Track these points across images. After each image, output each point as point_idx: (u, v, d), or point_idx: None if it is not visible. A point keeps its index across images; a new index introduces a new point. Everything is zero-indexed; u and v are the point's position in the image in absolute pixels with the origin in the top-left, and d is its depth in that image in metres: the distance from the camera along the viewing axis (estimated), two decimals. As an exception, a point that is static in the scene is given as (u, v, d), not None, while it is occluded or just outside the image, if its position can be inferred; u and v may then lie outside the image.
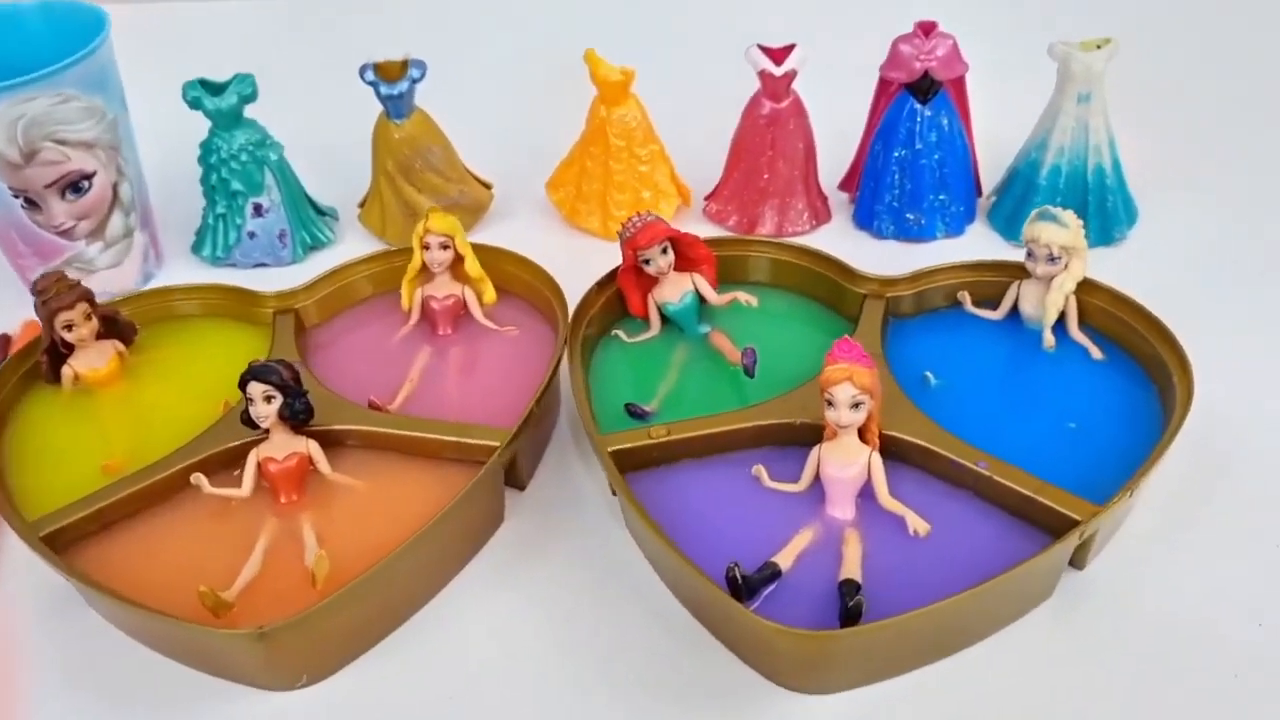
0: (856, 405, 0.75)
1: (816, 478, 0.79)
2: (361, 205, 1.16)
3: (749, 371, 0.86)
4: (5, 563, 0.83)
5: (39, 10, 1.05)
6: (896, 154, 1.04)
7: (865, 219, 1.09)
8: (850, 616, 0.69)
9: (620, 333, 0.94)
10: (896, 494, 0.77)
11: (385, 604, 0.75)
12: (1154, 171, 1.15)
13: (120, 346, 0.93)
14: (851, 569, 0.73)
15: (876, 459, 0.77)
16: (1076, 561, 0.77)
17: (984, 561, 0.72)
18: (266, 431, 0.81)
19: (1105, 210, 1.04)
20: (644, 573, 0.80)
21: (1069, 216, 0.87)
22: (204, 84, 1.04)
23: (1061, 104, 1.02)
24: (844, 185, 1.14)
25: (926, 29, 1.01)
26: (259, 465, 0.81)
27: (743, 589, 0.71)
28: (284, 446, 0.81)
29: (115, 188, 1.03)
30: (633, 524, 0.80)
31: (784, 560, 0.74)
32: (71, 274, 0.93)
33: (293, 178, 1.10)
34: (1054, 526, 0.74)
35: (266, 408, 0.80)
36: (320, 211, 1.14)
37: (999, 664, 0.73)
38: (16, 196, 0.98)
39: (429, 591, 0.79)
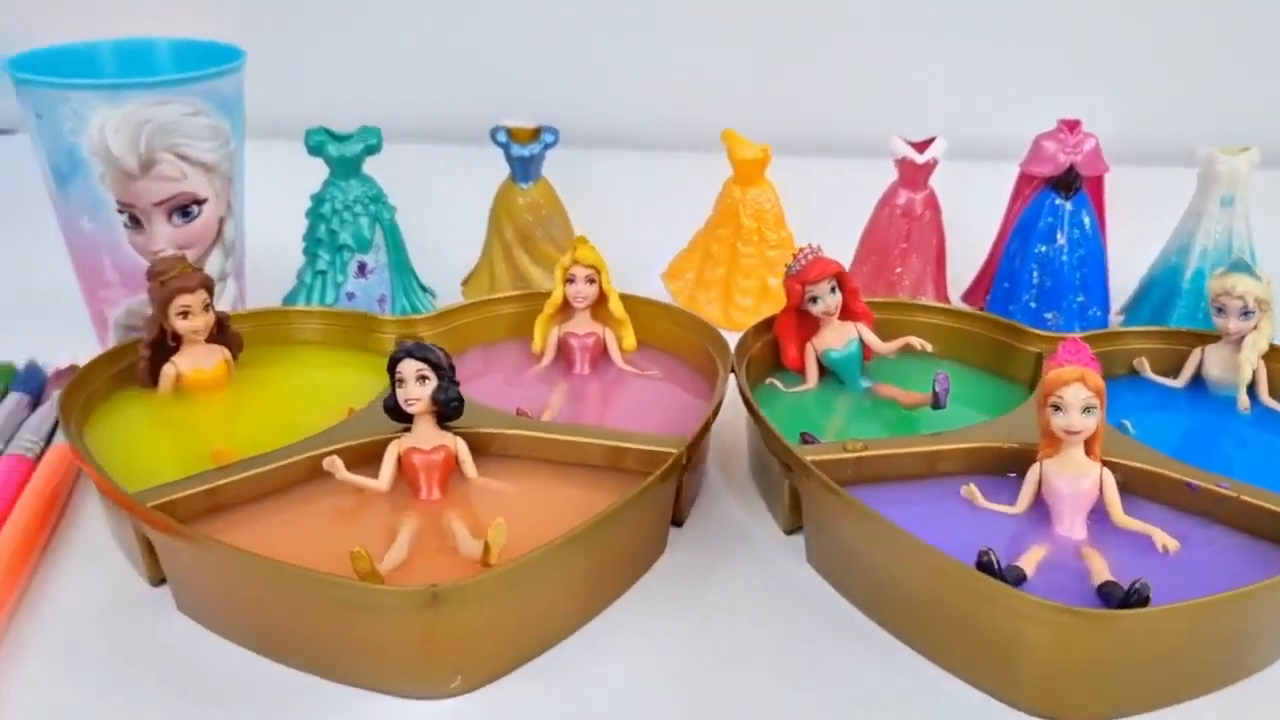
0: (1088, 410, 0.68)
1: (1037, 499, 0.70)
2: (465, 282, 1.09)
3: (939, 401, 0.79)
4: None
5: (170, 48, 1.02)
6: (1038, 250, 1.01)
7: (998, 322, 1.05)
8: (1133, 603, 0.59)
9: (776, 382, 0.87)
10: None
11: (547, 606, 0.64)
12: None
13: (227, 354, 0.84)
14: (1105, 576, 0.64)
15: (1109, 474, 0.69)
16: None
17: (1249, 581, 0.62)
18: (408, 425, 0.72)
19: (1251, 319, 1.01)
20: (832, 600, 0.70)
21: (1259, 271, 0.84)
22: (328, 132, 1.00)
23: (1204, 207, 1.00)
24: (968, 297, 1.10)
25: (1071, 125, 1.01)
26: (400, 458, 0.71)
27: (998, 575, 0.61)
28: (430, 438, 0.71)
29: (221, 223, 0.96)
30: (831, 528, 0.70)
31: (1026, 566, 0.65)
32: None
33: (402, 243, 1.04)
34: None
35: (419, 389, 0.70)
36: (421, 286, 1.07)
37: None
38: (122, 212, 0.91)
39: (584, 611, 0.68)
